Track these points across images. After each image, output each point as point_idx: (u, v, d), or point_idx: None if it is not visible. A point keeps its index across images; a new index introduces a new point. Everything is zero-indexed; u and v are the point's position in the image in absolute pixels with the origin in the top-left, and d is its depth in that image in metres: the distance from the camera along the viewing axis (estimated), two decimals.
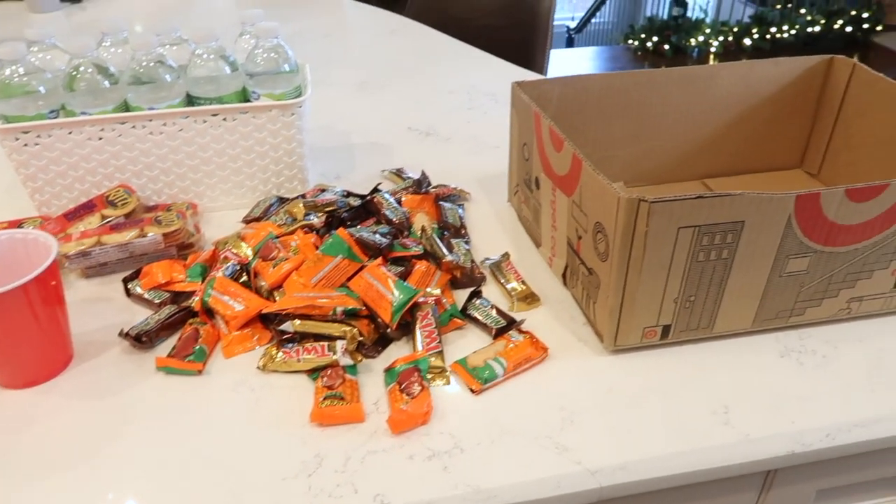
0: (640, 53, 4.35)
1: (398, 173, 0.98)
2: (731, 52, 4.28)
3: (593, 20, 5.85)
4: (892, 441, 0.60)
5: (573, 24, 5.97)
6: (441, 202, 0.87)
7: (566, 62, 4.40)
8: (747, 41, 4.28)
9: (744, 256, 0.62)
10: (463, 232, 0.84)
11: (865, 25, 4.33)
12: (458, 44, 1.53)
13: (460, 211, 0.87)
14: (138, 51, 0.82)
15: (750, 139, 0.95)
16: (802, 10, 4.40)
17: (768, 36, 4.29)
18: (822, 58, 0.91)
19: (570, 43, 5.88)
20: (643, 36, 4.34)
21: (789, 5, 4.55)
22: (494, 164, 1.01)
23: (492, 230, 0.87)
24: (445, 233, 0.83)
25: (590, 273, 0.68)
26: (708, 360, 0.66)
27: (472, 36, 1.67)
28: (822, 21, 4.32)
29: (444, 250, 0.77)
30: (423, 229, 0.81)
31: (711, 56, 4.25)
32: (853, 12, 4.34)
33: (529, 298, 0.73)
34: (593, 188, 0.64)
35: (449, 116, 1.18)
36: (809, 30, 4.32)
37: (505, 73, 1.37)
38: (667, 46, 4.25)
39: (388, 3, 1.74)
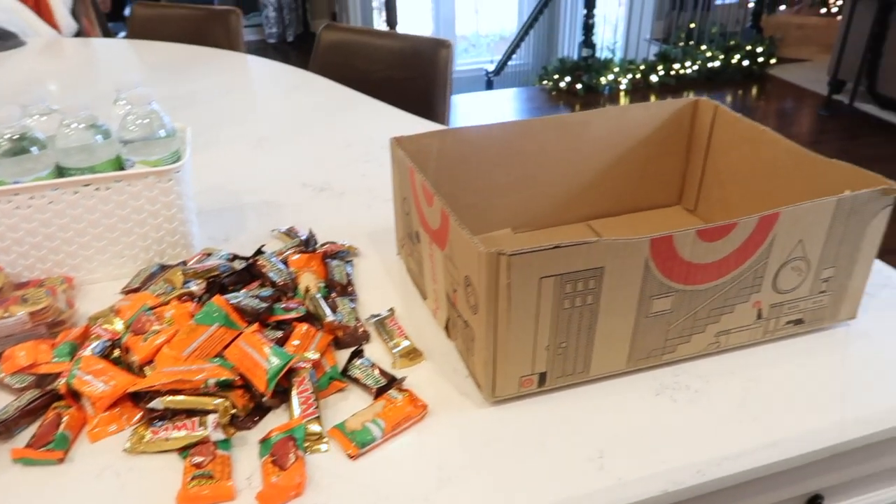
0: (554, 93, 4.50)
1: (288, 232, 0.97)
2: (639, 89, 4.48)
3: (510, 63, 6.02)
4: (760, 471, 0.62)
5: (492, 68, 6.14)
6: (328, 260, 0.87)
7: (485, 104, 4.52)
8: (654, 78, 4.49)
9: (608, 300, 0.64)
10: (350, 289, 0.84)
11: (760, 59, 4.61)
12: (359, 97, 1.55)
13: (348, 268, 0.87)
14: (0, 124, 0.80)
15: (629, 180, 0.98)
16: (703, 47, 4.66)
17: (672, 72, 4.51)
18: (688, 100, 0.95)
19: (489, 85, 6.03)
20: (556, 77, 4.50)
21: (691, 42, 4.81)
22: (387, 218, 1.02)
23: (381, 285, 0.87)
24: (332, 292, 0.82)
25: (466, 325, 0.68)
26: (585, 404, 0.67)
27: (375, 88, 1.70)
28: (721, 56, 4.57)
29: (327, 311, 0.76)
30: (307, 290, 0.80)
31: (622, 93, 4.44)
32: (748, 47, 4.61)
33: (412, 354, 0.73)
34: (460, 243, 0.64)
35: (345, 170, 1.18)
36: (710, 65, 4.56)
37: (404, 125, 1.39)
38: (579, 86, 4.41)
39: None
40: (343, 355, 0.73)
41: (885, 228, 0.71)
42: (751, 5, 4.99)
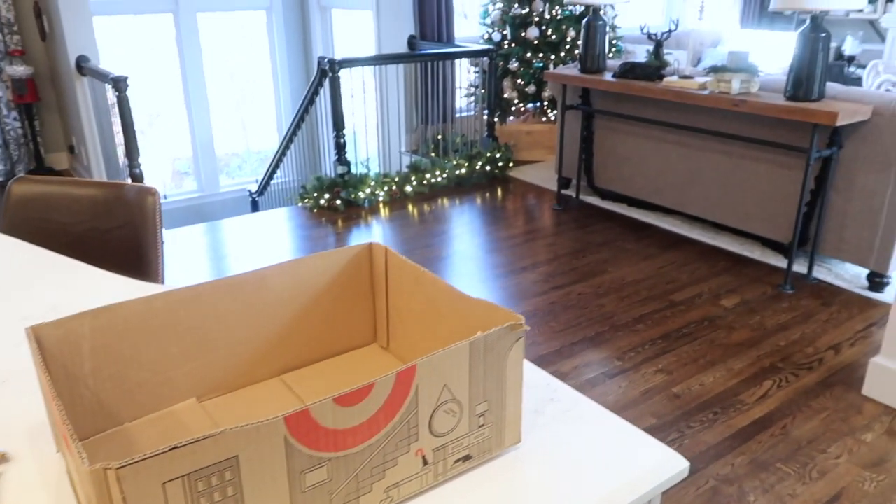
0: (315, 211, 4.57)
1: None
2: (397, 199, 4.72)
3: (276, 181, 6.05)
4: None
5: (255, 188, 6.11)
6: None
7: (248, 228, 4.44)
8: (409, 188, 4.76)
9: (253, 487, 0.61)
10: None
11: (500, 164, 5.13)
12: (52, 257, 1.41)
13: None
14: None
15: (320, 327, 0.98)
16: (450, 156, 5.08)
17: (425, 181, 4.83)
18: (362, 246, 0.99)
19: (255, 206, 5.98)
20: (316, 194, 4.59)
21: (440, 153, 5.24)
22: None
23: (33, 496, 0.75)
24: None
25: None
26: None
27: (79, 241, 1.57)
28: (466, 164, 5.01)
29: None
30: None
31: (381, 204, 4.63)
32: (489, 154, 5.12)
33: None
34: (74, 454, 0.58)
35: (15, 352, 1.05)
36: (458, 172, 4.97)
37: (101, 286, 1.29)
38: (339, 201, 4.54)
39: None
40: None
41: (523, 357, 0.77)
42: (485, 117, 5.57)
